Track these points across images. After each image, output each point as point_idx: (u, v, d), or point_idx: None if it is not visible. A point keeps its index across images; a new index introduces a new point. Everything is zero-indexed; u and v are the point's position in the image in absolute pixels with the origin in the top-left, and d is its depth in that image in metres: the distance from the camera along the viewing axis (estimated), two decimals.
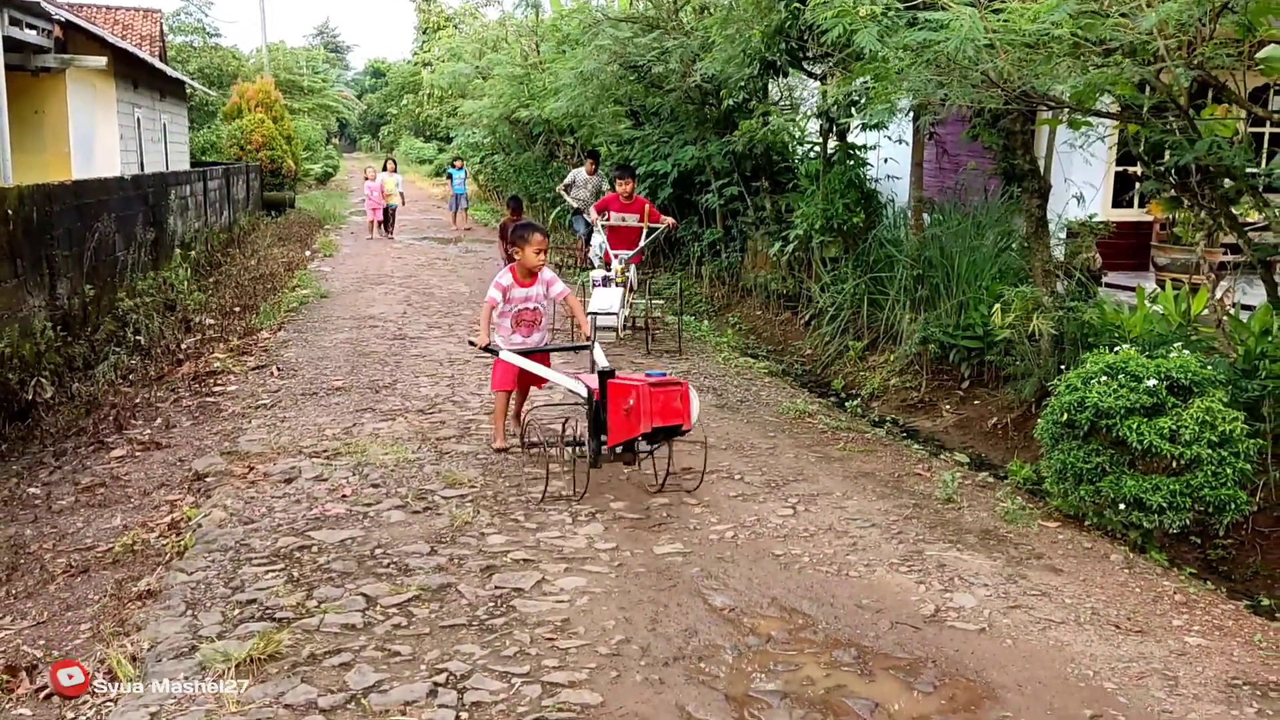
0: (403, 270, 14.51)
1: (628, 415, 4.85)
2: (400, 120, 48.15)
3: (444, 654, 3.61)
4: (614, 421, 4.99)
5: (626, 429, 4.92)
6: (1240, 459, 4.61)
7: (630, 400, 4.85)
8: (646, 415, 4.81)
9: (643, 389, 4.81)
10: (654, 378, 4.95)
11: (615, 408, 4.97)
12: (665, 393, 4.88)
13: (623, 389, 4.94)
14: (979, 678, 3.54)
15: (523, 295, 6.02)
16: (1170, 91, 5.35)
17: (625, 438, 5.02)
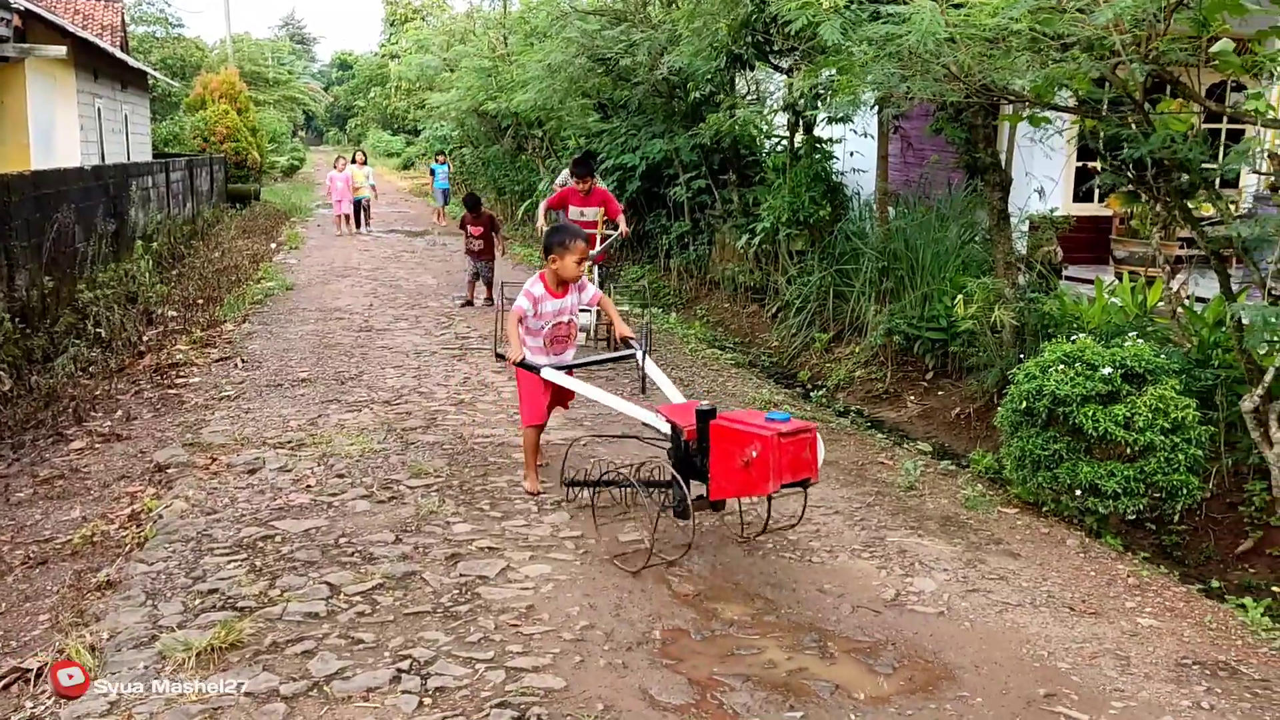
0: (370, 263, 14.43)
1: (747, 468, 3.87)
2: (368, 113, 47.84)
3: (408, 641, 3.62)
4: (723, 473, 4.03)
5: (744, 484, 3.96)
6: (1192, 445, 4.71)
7: (753, 451, 3.86)
8: (776, 471, 3.83)
9: (772, 441, 3.82)
10: (780, 422, 3.94)
11: (726, 457, 4.00)
12: (795, 442, 3.91)
13: (740, 436, 3.94)
14: (937, 659, 3.59)
15: (556, 308, 5.18)
16: (1126, 86, 5.44)
17: (741, 494, 4.14)
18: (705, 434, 4.13)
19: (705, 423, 4.15)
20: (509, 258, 15.21)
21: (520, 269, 14.15)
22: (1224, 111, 5.46)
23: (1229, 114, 5.63)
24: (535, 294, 5.12)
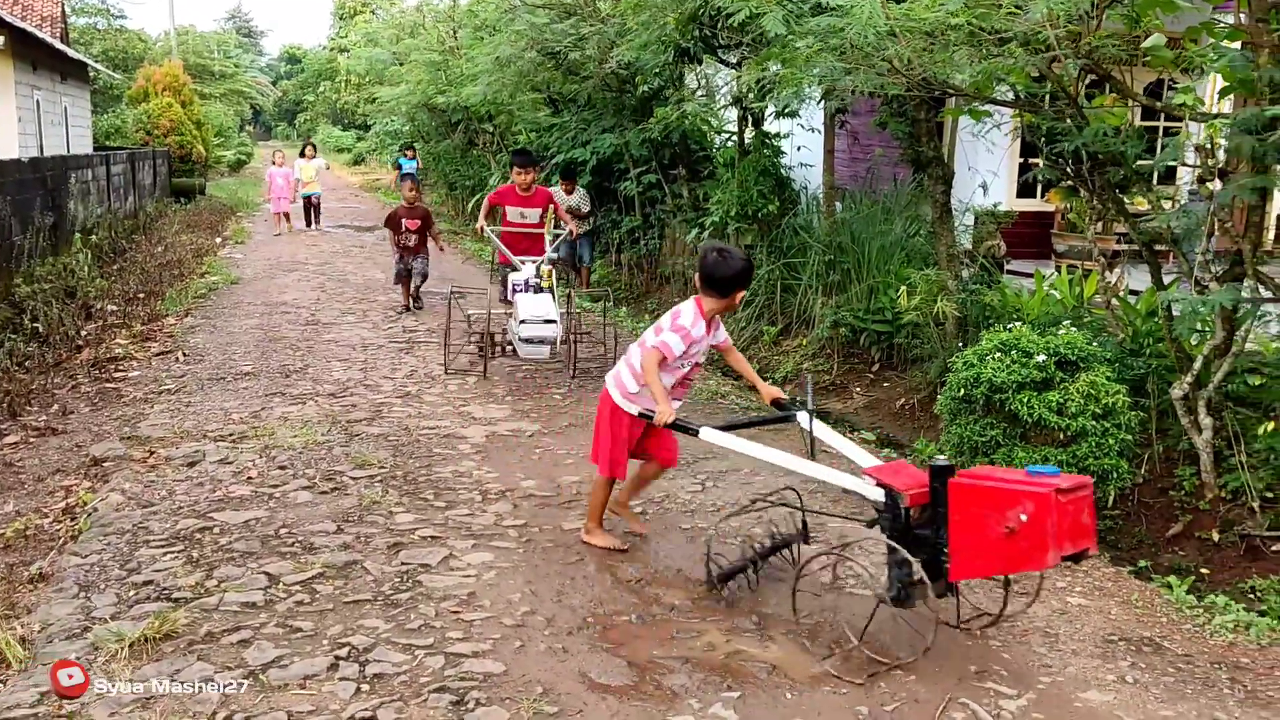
0: (317, 258, 14.27)
1: (1012, 537, 3.08)
2: (317, 108, 47.27)
3: (347, 629, 3.60)
4: (972, 545, 3.22)
5: (1006, 558, 3.14)
6: (1122, 430, 4.82)
7: (1022, 514, 3.06)
8: (1055, 539, 3.02)
9: (1049, 500, 3.02)
10: (1050, 477, 3.13)
11: (976, 524, 3.18)
12: (1074, 501, 3.10)
13: (1001, 496, 3.13)
14: (874, 639, 3.65)
15: (699, 349, 4.27)
16: (1061, 82, 5.55)
17: (1000, 571, 3.34)
18: (941, 497, 3.32)
19: (942, 482, 3.33)
20: (456, 253, 15.13)
21: (471, 264, 14.09)
22: (1154, 106, 5.58)
23: (1161, 110, 5.77)
24: (693, 333, 4.13)
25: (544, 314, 6.78)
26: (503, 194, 8.31)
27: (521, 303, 7.00)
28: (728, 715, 3.12)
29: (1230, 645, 3.69)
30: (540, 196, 8.26)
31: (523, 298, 7.10)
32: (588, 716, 3.09)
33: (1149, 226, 5.81)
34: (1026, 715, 3.17)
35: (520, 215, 8.17)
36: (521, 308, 6.93)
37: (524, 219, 8.18)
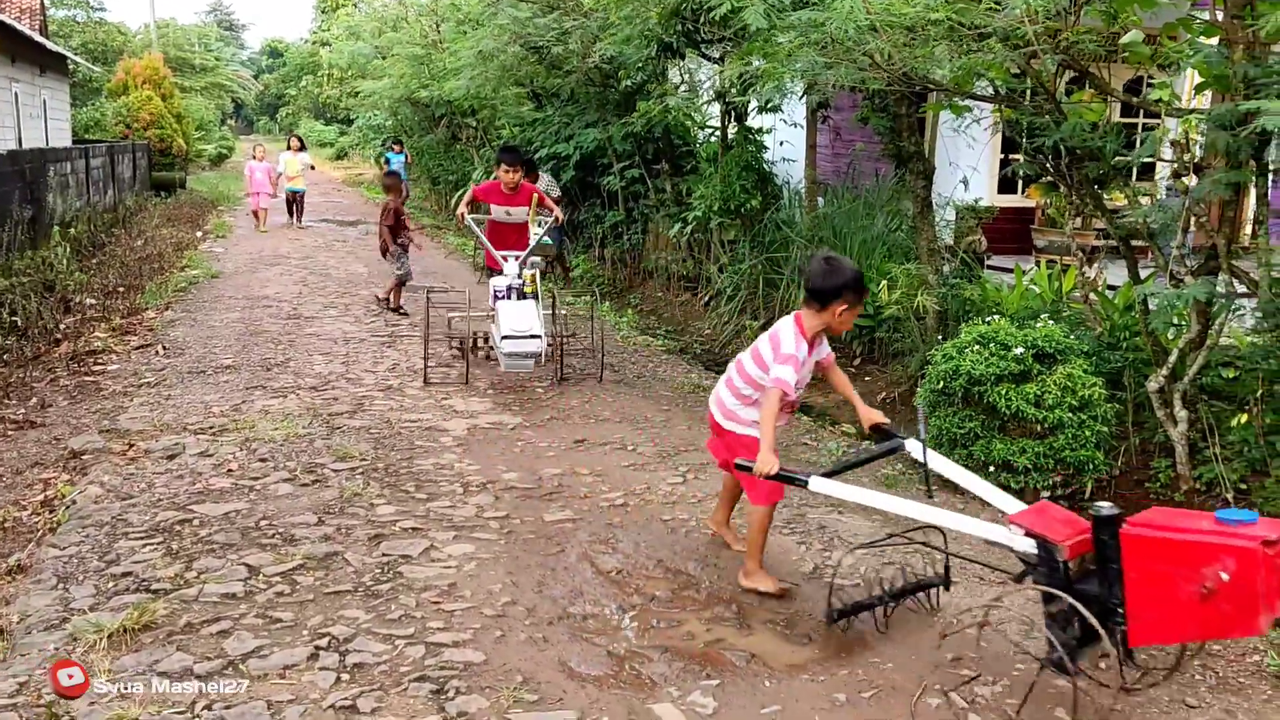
0: (299, 252, 14.21)
1: (1210, 599, 2.64)
2: (299, 101, 47.00)
3: (327, 619, 3.60)
4: (1158, 608, 2.80)
5: (1206, 624, 2.72)
6: (1099, 422, 4.87)
7: (1222, 573, 2.60)
8: (1267, 600, 2.58)
9: (1256, 555, 2.57)
10: (1246, 525, 2.67)
11: (1164, 583, 2.76)
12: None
13: (1192, 551, 2.69)
14: (852, 628, 3.68)
15: (807, 373, 4.02)
16: (1039, 77, 5.59)
17: (1195, 638, 2.95)
18: (1110, 550, 2.92)
19: (1111, 533, 2.92)
20: (439, 247, 15.11)
21: (454, 259, 14.06)
22: (1132, 102, 5.63)
23: (1138, 105, 5.82)
24: (800, 357, 3.82)
25: (528, 328, 6.39)
26: (488, 190, 7.86)
27: (504, 313, 6.62)
28: (706, 703, 3.15)
29: None
30: (525, 194, 7.84)
31: (505, 307, 6.71)
32: (567, 705, 3.11)
33: (1125, 222, 5.86)
34: (1001, 702, 3.21)
35: (506, 214, 7.75)
36: (504, 319, 6.54)
37: (509, 217, 7.76)
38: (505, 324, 6.47)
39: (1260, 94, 4.42)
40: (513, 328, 6.40)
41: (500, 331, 6.53)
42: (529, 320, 6.49)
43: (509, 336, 6.36)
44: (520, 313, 6.57)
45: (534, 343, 6.35)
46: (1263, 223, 5.26)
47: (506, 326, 6.44)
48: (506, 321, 6.49)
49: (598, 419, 6.32)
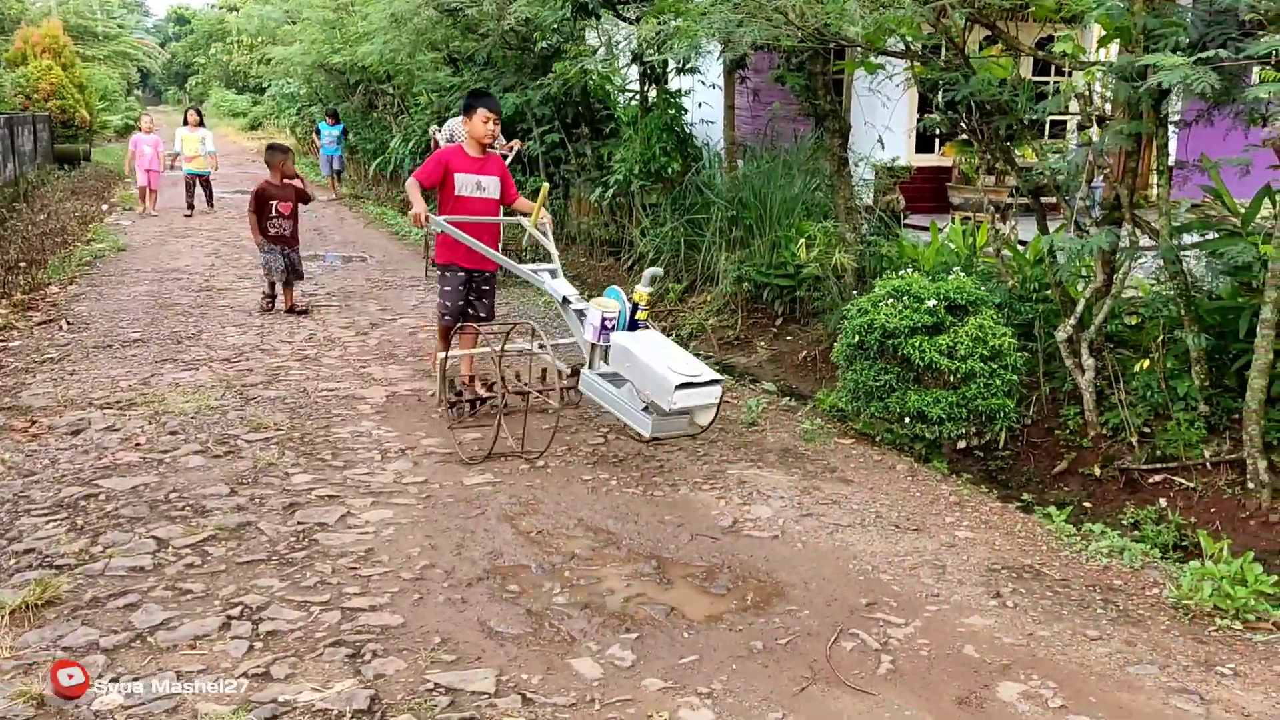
0: (211, 223, 13.81)
1: None
2: (209, 70, 45.51)
3: (240, 589, 3.53)
4: None
5: None
6: (1009, 371, 4.98)
7: None
8: None
9: None
10: None
11: None
12: None
13: None
14: (770, 578, 3.73)
15: None
16: (949, 32, 5.65)
17: None
18: None
19: None
20: (358, 216, 14.80)
21: (374, 229, 13.79)
22: (1037, 55, 5.72)
23: (1043, 59, 5.92)
24: None
25: (696, 370, 4.40)
26: (447, 157, 5.78)
27: (643, 354, 4.47)
28: (625, 656, 3.16)
29: (1105, 569, 3.87)
30: (496, 162, 5.94)
31: (639, 346, 4.54)
32: (485, 663, 3.10)
33: (1033, 176, 5.98)
34: (913, 641, 3.28)
35: (477, 187, 5.77)
36: (649, 362, 4.42)
37: (481, 191, 5.79)
38: (658, 368, 4.36)
39: (1159, 45, 4.52)
40: (681, 370, 4.33)
41: (646, 381, 4.43)
42: (691, 360, 4.48)
43: (684, 385, 4.28)
44: (671, 351, 4.55)
45: (714, 390, 4.42)
46: (1164, 173, 5.41)
47: (662, 371, 4.34)
48: (659, 365, 4.38)
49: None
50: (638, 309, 4.87)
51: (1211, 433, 4.92)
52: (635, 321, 4.87)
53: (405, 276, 10.03)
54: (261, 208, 8.26)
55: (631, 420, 4.51)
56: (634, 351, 4.47)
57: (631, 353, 4.48)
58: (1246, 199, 5.21)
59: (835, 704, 2.93)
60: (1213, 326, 5.17)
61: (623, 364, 4.57)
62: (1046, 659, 3.20)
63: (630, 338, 4.62)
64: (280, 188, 8.32)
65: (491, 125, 5.71)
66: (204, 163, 14.65)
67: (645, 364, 4.38)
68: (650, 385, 4.37)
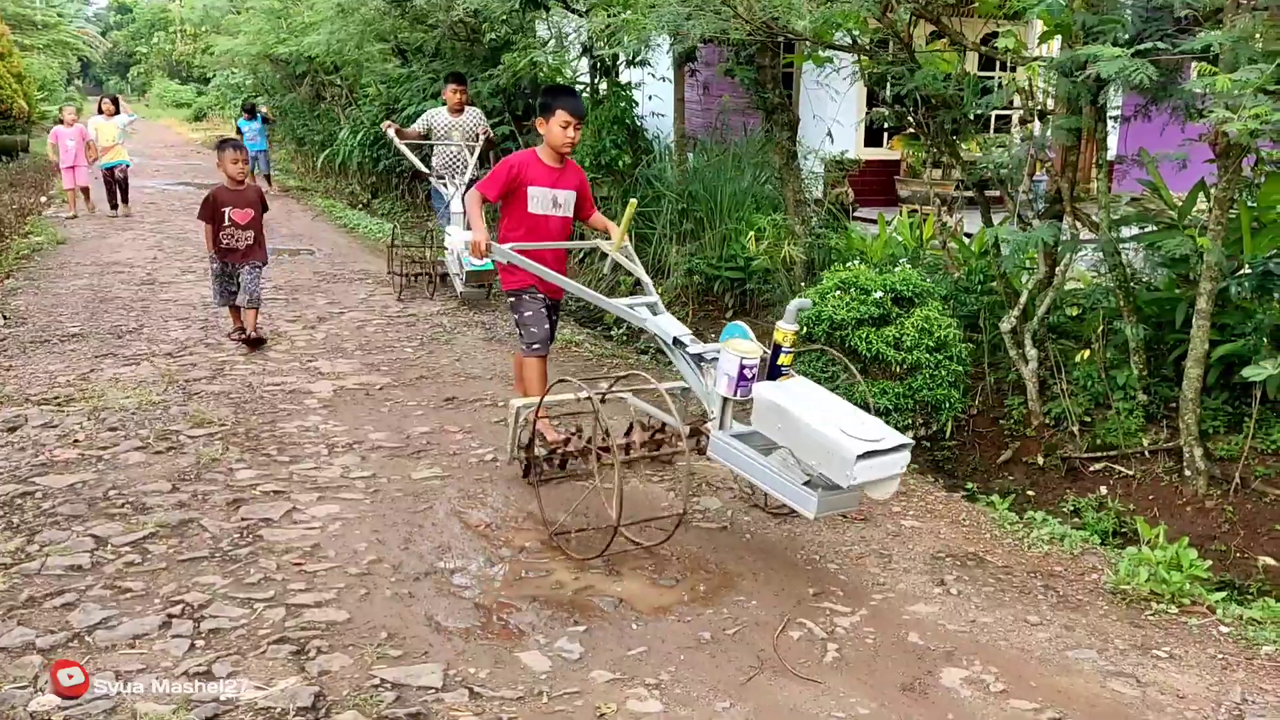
0: (154, 215, 13.54)
1: None
2: (151, 60, 44.56)
3: (181, 587, 3.47)
4: None
5: None
6: (954, 362, 5.05)
7: None
8: None
9: None
10: None
11: None
12: None
13: None
14: (719, 569, 3.74)
15: None
16: (895, 27, 5.71)
17: None
18: None
19: None
20: (305, 210, 14.59)
21: (321, 221, 13.60)
22: (979, 50, 5.80)
23: (985, 54, 5.99)
24: None
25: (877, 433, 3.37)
26: (520, 166, 4.72)
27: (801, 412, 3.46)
28: (573, 648, 3.16)
29: (1045, 556, 3.94)
30: (574, 172, 4.93)
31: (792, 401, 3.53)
32: (433, 657, 3.08)
33: (978, 170, 6.06)
34: (859, 630, 3.31)
35: (552, 202, 4.79)
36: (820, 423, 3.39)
37: (556, 208, 4.82)
38: (829, 432, 3.34)
39: (1098, 40, 4.60)
40: (856, 434, 3.32)
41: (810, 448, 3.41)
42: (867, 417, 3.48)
43: (867, 455, 3.26)
44: (836, 406, 3.56)
45: (902, 457, 3.40)
46: (1103, 167, 5.51)
47: (834, 436, 3.32)
48: (828, 428, 3.36)
49: (468, 376, 6.25)
50: (780, 352, 3.88)
51: (1150, 421, 5.03)
52: (776, 368, 3.87)
53: (353, 270, 9.92)
54: (215, 217, 6.85)
55: (787, 497, 3.50)
56: (791, 410, 3.46)
57: (788, 412, 3.46)
58: (1184, 192, 5.33)
59: (782, 693, 2.95)
60: (1151, 317, 5.29)
61: (772, 425, 3.55)
62: (989, 645, 3.25)
63: (781, 391, 3.60)
64: (236, 192, 6.89)
65: (572, 132, 4.68)
66: (122, 152, 13.37)
67: (809, 426, 3.38)
68: (817, 453, 3.36)
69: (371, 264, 10.01)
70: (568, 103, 4.72)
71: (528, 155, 4.82)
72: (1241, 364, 4.51)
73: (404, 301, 8.47)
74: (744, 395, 3.75)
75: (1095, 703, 2.95)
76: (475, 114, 9.10)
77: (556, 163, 4.80)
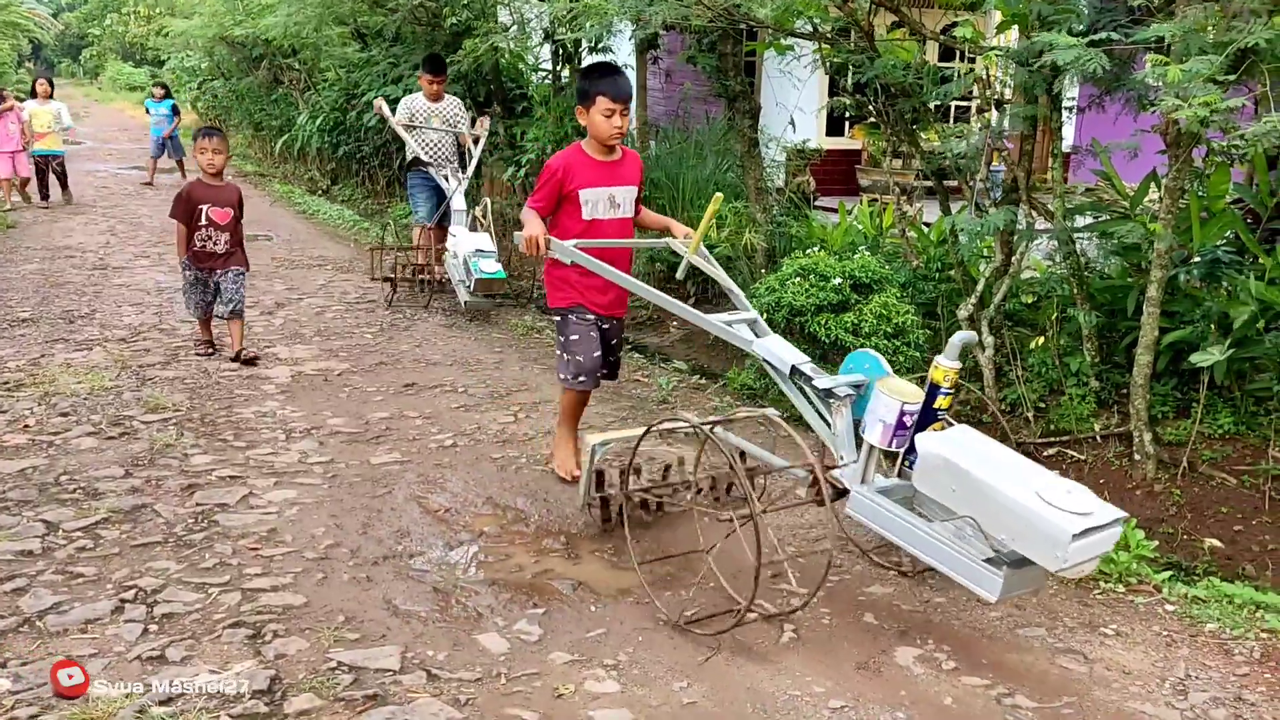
0: (107, 200, 13.30)
1: None
2: (104, 42, 43.67)
3: (134, 572, 3.43)
4: None
5: None
6: (911, 348, 5.11)
7: None
8: None
9: None
10: None
11: None
12: None
13: None
14: (679, 550, 3.76)
15: None
16: (855, 15, 5.74)
17: None
18: None
19: None
20: (262, 194, 14.40)
21: (280, 207, 13.42)
22: (938, 39, 5.85)
23: (944, 43, 6.05)
24: None
25: (1088, 505, 2.80)
26: (569, 163, 4.08)
27: (988, 474, 2.87)
28: (532, 630, 3.16)
29: None
30: (634, 163, 4.30)
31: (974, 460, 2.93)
32: (390, 640, 3.07)
33: (936, 158, 6.12)
34: (815, 611, 3.35)
35: (609, 203, 4.17)
36: (1015, 490, 2.82)
37: (615, 209, 4.19)
38: (1031, 503, 2.78)
39: (1054, 30, 4.66)
40: (1065, 506, 2.77)
41: (1001, 518, 2.83)
42: (1071, 485, 2.91)
43: (1083, 533, 2.73)
44: (1024, 466, 3.00)
45: (1115, 533, 2.89)
46: (1058, 157, 5.58)
47: (1038, 509, 2.76)
48: (1027, 497, 2.79)
49: (428, 362, 6.21)
50: (937, 393, 3.25)
51: (1101, 407, 5.12)
52: (931, 412, 3.24)
53: (312, 255, 9.82)
54: (190, 216, 6.07)
55: (959, 574, 2.90)
56: (974, 473, 2.86)
57: (969, 474, 2.86)
58: (1136, 182, 5.42)
59: (739, 672, 2.98)
60: (1104, 305, 5.38)
61: (944, 487, 2.94)
62: (941, 624, 3.30)
63: (957, 448, 2.96)
64: (214, 188, 6.13)
65: (619, 120, 4.00)
66: (57, 140, 12.47)
67: (1003, 495, 2.80)
68: (1013, 527, 2.78)
69: (330, 250, 9.91)
70: (608, 85, 3.98)
71: (572, 153, 4.11)
72: (1190, 350, 4.61)
73: (393, 310, 7.58)
74: (900, 446, 3.20)
75: (1044, 679, 3.01)
76: (454, 102, 8.39)
77: (607, 155, 4.13)
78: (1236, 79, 3.96)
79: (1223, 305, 4.77)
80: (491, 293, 7.09)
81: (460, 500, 4.18)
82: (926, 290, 6.08)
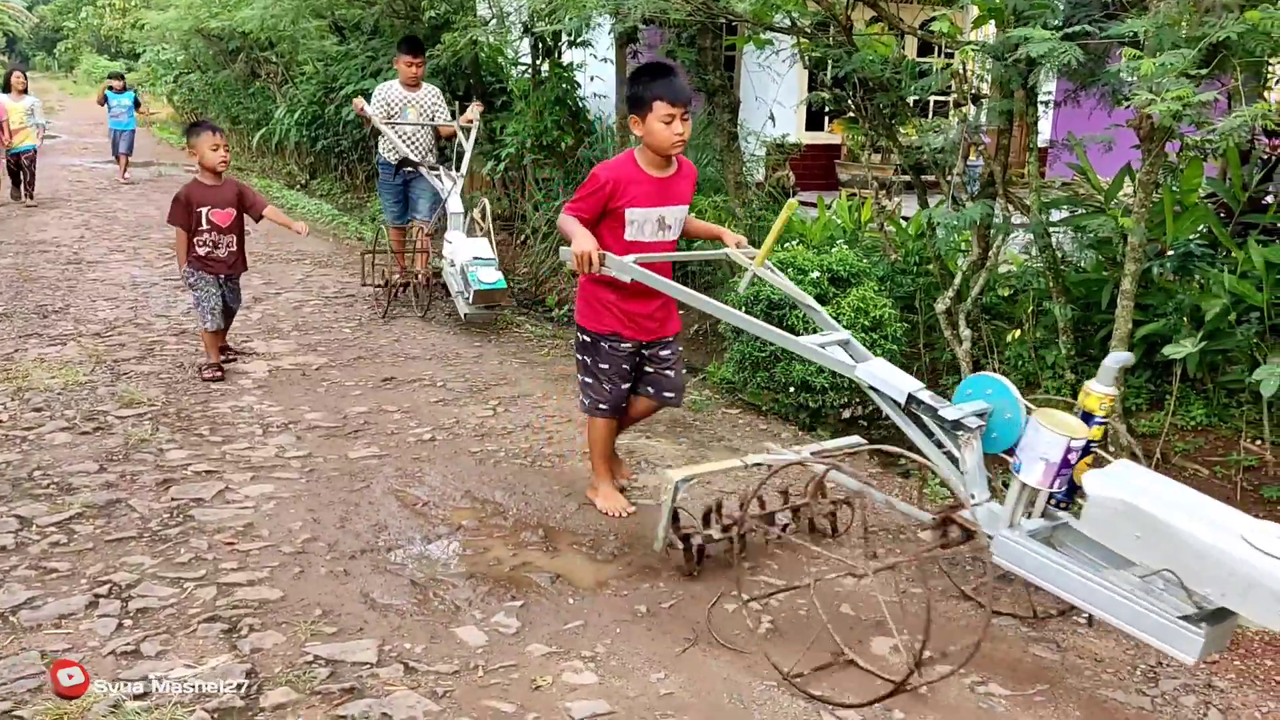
0: (81, 194, 13.18)
1: None
2: (79, 35, 43.24)
3: (109, 567, 3.41)
4: None
5: None
6: (889, 341, 5.13)
7: None
8: None
9: None
10: None
11: None
12: None
13: None
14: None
15: None
16: (833, 10, 5.75)
17: None
18: None
19: None
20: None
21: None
22: (916, 34, 5.87)
23: (921, 37, 6.07)
24: None
25: None
26: (618, 175, 3.66)
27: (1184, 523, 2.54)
28: (510, 623, 3.16)
29: None
30: (688, 173, 3.88)
31: (1162, 507, 2.59)
32: (368, 633, 3.06)
33: (913, 153, 6.14)
34: (792, 602, 3.36)
35: (659, 225, 3.78)
36: (1224, 541, 2.47)
37: (663, 231, 3.81)
38: (1247, 556, 2.43)
39: (1030, 24, 4.69)
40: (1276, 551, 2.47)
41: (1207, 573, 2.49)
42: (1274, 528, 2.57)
43: None
44: (1216, 510, 2.67)
45: None
46: (1034, 151, 5.62)
47: (1261, 564, 2.41)
48: (1241, 550, 2.45)
49: (407, 357, 6.19)
50: (1091, 422, 2.94)
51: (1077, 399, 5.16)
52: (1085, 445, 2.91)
53: (290, 250, 9.76)
54: (190, 219, 5.61)
55: (1147, 632, 2.58)
56: (1163, 518, 2.54)
57: (1159, 520, 2.54)
58: (1111, 177, 5.46)
59: (715, 663, 2.99)
60: (1079, 298, 5.42)
61: (1126, 535, 2.62)
62: (917, 614, 3.32)
63: (1134, 489, 2.65)
64: (213, 188, 5.65)
65: (680, 125, 3.55)
66: (31, 135, 12.00)
67: (1204, 543, 2.47)
68: (1221, 580, 2.44)
69: (308, 245, 9.85)
70: (665, 88, 3.52)
71: (623, 164, 3.68)
72: (1163, 343, 4.65)
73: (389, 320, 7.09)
74: (1062, 487, 2.90)
75: (1017, 667, 3.04)
76: (433, 92, 7.87)
77: (663, 168, 3.68)
78: (1209, 73, 4.00)
79: (1195, 298, 4.82)
80: (492, 304, 6.58)
81: (438, 494, 4.17)
82: (905, 284, 6.10)
